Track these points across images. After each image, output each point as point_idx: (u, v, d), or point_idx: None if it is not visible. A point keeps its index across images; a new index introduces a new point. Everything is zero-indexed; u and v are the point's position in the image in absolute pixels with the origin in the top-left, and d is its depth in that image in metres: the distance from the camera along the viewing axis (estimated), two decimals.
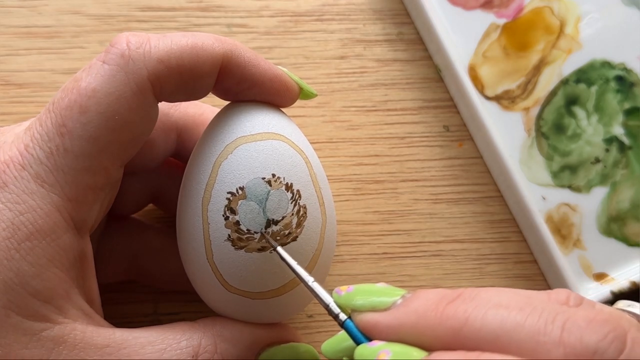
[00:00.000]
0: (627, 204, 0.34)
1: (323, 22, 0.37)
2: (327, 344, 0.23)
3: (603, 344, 0.17)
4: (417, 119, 0.36)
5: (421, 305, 0.20)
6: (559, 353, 0.17)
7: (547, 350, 0.18)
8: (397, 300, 0.21)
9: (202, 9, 0.37)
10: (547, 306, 0.19)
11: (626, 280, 0.33)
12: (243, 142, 0.25)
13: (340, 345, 0.23)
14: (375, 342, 0.21)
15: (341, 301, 0.22)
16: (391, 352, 0.20)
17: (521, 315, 0.18)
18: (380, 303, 0.21)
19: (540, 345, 0.18)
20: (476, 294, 0.20)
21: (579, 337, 0.18)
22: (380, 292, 0.22)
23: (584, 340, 0.17)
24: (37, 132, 0.23)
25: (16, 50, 0.35)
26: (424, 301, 0.20)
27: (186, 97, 0.26)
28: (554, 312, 0.18)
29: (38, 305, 0.22)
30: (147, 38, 0.24)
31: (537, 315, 0.18)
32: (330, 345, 0.23)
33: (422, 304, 0.20)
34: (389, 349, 0.20)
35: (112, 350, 0.23)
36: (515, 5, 0.36)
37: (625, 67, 0.35)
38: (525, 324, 0.18)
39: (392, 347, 0.20)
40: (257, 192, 0.25)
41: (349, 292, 0.22)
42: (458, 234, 0.35)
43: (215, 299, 0.26)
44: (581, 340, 0.17)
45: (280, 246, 0.25)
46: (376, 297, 0.21)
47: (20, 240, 0.22)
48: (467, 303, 0.19)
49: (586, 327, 0.18)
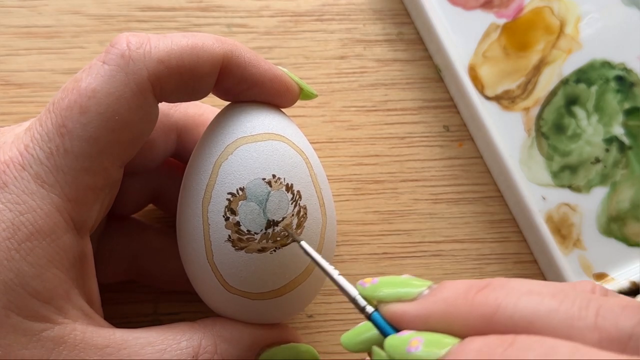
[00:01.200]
0: (627, 204, 0.34)
1: (323, 22, 0.37)
2: (347, 336, 0.23)
3: (638, 329, 0.17)
4: (417, 119, 0.36)
5: (450, 294, 0.20)
6: (593, 338, 0.17)
7: (581, 335, 0.17)
8: (423, 291, 0.21)
9: (202, 9, 0.37)
10: (580, 293, 0.18)
11: (626, 280, 0.33)
12: (243, 143, 0.25)
13: (361, 337, 0.22)
14: (405, 331, 0.20)
15: (366, 293, 0.22)
16: (423, 339, 0.19)
17: (555, 301, 0.18)
18: (406, 293, 0.21)
19: (575, 330, 0.18)
20: (505, 282, 0.20)
21: (614, 323, 0.17)
22: (406, 283, 0.22)
23: (619, 325, 0.17)
24: (37, 133, 0.23)
25: (16, 50, 0.35)
26: (452, 291, 0.20)
27: (186, 98, 0.26)
28: (586, 298, 0.18)
29: (38, 305, 0.22)
30: (147, 38, 0.24)
31: (570, 301, 0.18)
32: (350, 337, 0.22)
33: (451, 294, 0.20)
34: (420, 336, 0.20)
35: (112, 351, 0.23)
36: (515, 5, 0.36)
37: (625, 67, 0.35)
38: (560, 310, 0.18)
39: (423, 335, 0.20)
40: (257, 192, 0.25)
41: (374, 284, 0.22)
42: (458, 234, 0.35)
43: (215, 300, 0.26)
44: (616, 325, 0.17)
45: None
46: (402, 287, 0.21)
47: (20, 241, 0.22)
48: (498, 291, 0.19)
49: (621, 313, 0.18)
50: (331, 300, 0.33)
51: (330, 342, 0.32)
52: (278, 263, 0.25)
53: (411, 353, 0.19)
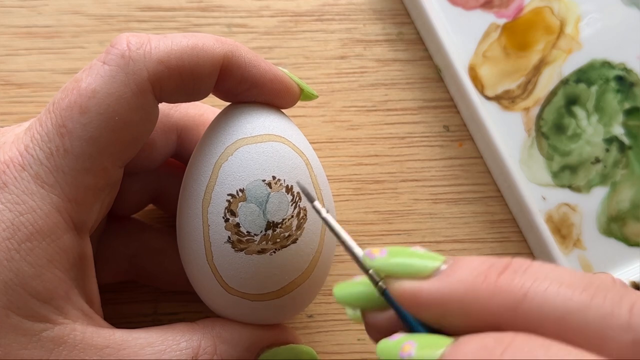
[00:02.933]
0: (627, 204, 0.34)
1: (323, 22, 0.37)
2: (340, 286, 0.21)
3: None
4: (417, 119, 0.36)
5: (469, 274, 0.18)
6: (628, 339, 0.16)
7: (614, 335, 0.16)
8: (440, 267, 0.19)
9: (202, 9, 0.37)
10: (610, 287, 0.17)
11: (626, 280, 0.33)
12: (243, 144, 0.25)
13: (355, 289, 0.20)
14: (396, 335, 0.19)
15: (375, 264, 0.20)
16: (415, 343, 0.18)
17: (586, 295, 0.17)
18: (421, 268, 0.19)
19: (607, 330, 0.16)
20: (528, 265, 0.18)
21: None
22: (420, 255, 0.19)
23: None
24: (37, 133, 0.23)
25: (16, 50, 0.35)
26: (470, 270, 0.18)
27: (186, 98, 0.26)
28: (619, 294, 0.17)
29: (38, 305, 0.22)
30: (147, 39, 0.24)
31: (602, 296, 0.17)
32: (343, 287, 0.21)
33: (469, 273, 0.18)
34: (412, 340, 0.18)
35: (112, 351, 0.23)
36: (515, 5, 0.36)
37: (625, 67, 0.35)
38: (592, 305, 0.16)
39: (415, 337, 0.18)
40: (257, 194, 0.25)
41: (383, 256, 0.20)
42: (458, 234, 0.35)
43: (215, 301, 0.26)
44: None
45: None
46: (417, 260, 0.19)
47: (20, 241, 0.22)
48: (522, 276, 0.17)
49: None
50: (331, 300, 0.33)
51: (330, 342, 0.32)
52: (278, 264, 0.25)
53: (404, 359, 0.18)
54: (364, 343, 0.32)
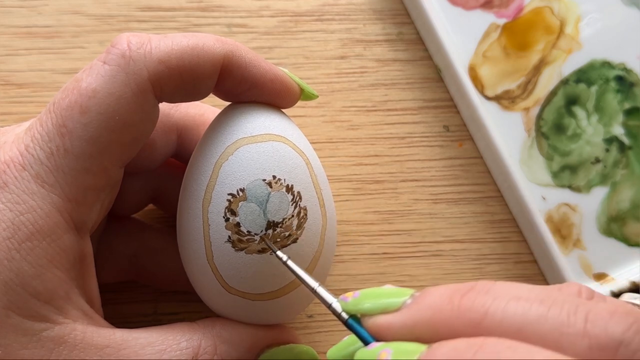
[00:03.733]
0: (627, 204, 0.34)
1: (323, 22, 0.37)
2: (332, 350, 0.23)
3: (628, 335, 0.17)
4: (417, 119, 0.36)
5: (435, 300, 0.20)
6: (583, 345, 0.17)
7: (571, 342, 0.17)
8: (406, 300, 0.20)
9: (202, 9, 0.37)
10: (567, 298, 0.18)
11: (626, 280, 0.33)
12: (244, 144, 0.25)
13: (346, 350, 0.22)
14: (374, 343, 0.20)
15: (349, 308, 0.22)
16: (391, 350, 0.19)
17: (543, 307, 0.18)
18: (390, 304, 0.21)
19: (564, 337, 0.17)
20: (490, 286, 0.19)
21: (604, 329, 0.17)
22: (388, 293, 0.21)
23: (608, 332, 0.17)
24: (37, 133, 0.23)
25: (16, 50, 0.35)
26: (436, 297, 0.20)
27: (187, 98, 0.26)
28: (574, 304, 0.18)
29: (38, 305, 0.22)
30: (147, 38, 0.24)
31: (559, 307, 0.18)
32: (335, 350, 0.23)
33: (436, 299, 0.20)
34: (388, 347, 0.19)
35: (112, 351, 0.23)
36: (515, 5, 0.36)
37: (625, 67, 0.35)
38: (549, 316, 0.18)
39: (391, 345, 0.19)
40: (257, 193, 0.25)
41: (356, 298, 0.22)
42: (458, 234, 0.35)
43: (215, 300, 0.26)
44: (606, 331, 0.17)
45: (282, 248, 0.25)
46: (385, 298, 0.21)
47: (20, 241, 0.22)
48: (484, 296, 0.19)
49: (610, 319, 0.17)
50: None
51: (330, 342, 0.32)
52: (278, 264, 0.25)
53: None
54: None
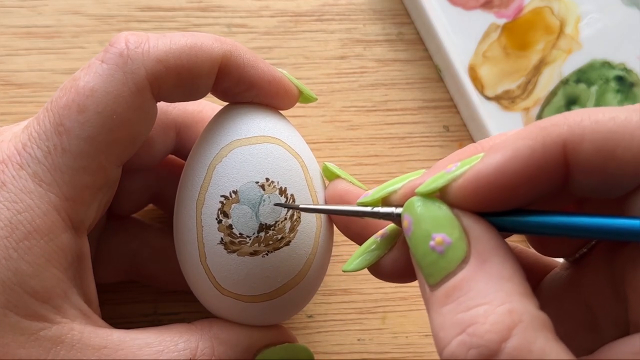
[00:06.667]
0: None
1: (323, 22, 0.37)
2: (347, 264, 0.24)
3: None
4: (417, 119, 0.36)
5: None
6: None
7: None
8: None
9: (202, 9, 0.37)
10: None
11: None
12: (238, 146, 0.25)
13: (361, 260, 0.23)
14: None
15: (419, 190, 0.21)
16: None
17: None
18: (454, 174, 0.20)
19: None
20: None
21: None
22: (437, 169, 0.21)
23: None
24: (35, 131, 0.23)
25: (16, 50, 0.35)
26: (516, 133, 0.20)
27: (185, 97, 0.26)
28: None
29: (36, 305, 0.22)
30: (146, 38, 0.24)
31: None
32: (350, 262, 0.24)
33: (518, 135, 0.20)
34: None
35: (110, 352, 0.23)
36: (515, 5, 0.36)
37: (625, 67, 0.35)
38: None
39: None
40: (250, 196, 0.24)
41: (375, 190, 0.23)
42: None
43: (210, 301, 0.26)
44: None
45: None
46: (444, 172, 0.20)
47: (18, 240, 0.22)
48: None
49: None
50: (331, 301, 0.33)
51: (329, 342, 0.32)
52: (270, 267, 0.25)
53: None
54: (364, 343, 0.32)
